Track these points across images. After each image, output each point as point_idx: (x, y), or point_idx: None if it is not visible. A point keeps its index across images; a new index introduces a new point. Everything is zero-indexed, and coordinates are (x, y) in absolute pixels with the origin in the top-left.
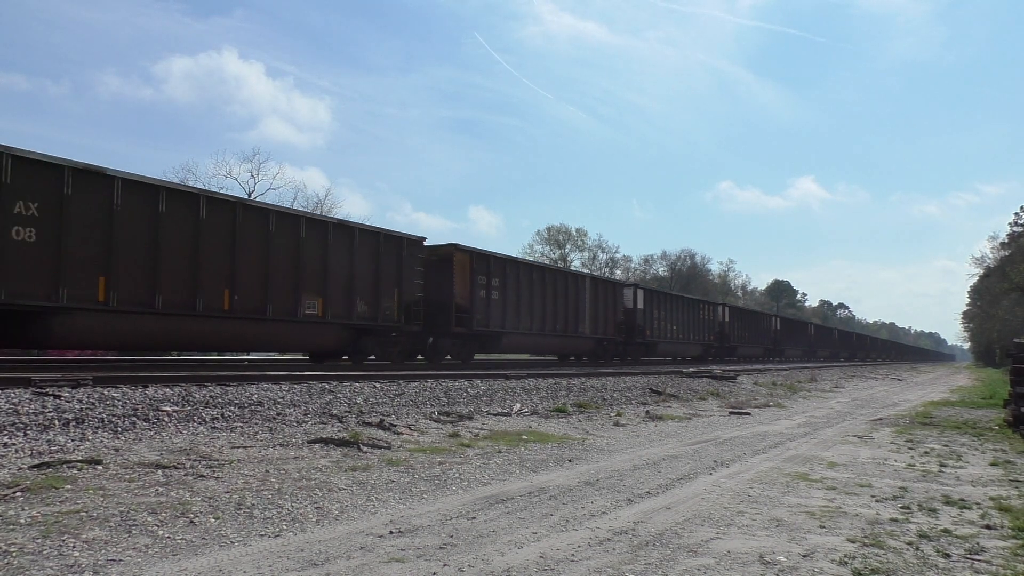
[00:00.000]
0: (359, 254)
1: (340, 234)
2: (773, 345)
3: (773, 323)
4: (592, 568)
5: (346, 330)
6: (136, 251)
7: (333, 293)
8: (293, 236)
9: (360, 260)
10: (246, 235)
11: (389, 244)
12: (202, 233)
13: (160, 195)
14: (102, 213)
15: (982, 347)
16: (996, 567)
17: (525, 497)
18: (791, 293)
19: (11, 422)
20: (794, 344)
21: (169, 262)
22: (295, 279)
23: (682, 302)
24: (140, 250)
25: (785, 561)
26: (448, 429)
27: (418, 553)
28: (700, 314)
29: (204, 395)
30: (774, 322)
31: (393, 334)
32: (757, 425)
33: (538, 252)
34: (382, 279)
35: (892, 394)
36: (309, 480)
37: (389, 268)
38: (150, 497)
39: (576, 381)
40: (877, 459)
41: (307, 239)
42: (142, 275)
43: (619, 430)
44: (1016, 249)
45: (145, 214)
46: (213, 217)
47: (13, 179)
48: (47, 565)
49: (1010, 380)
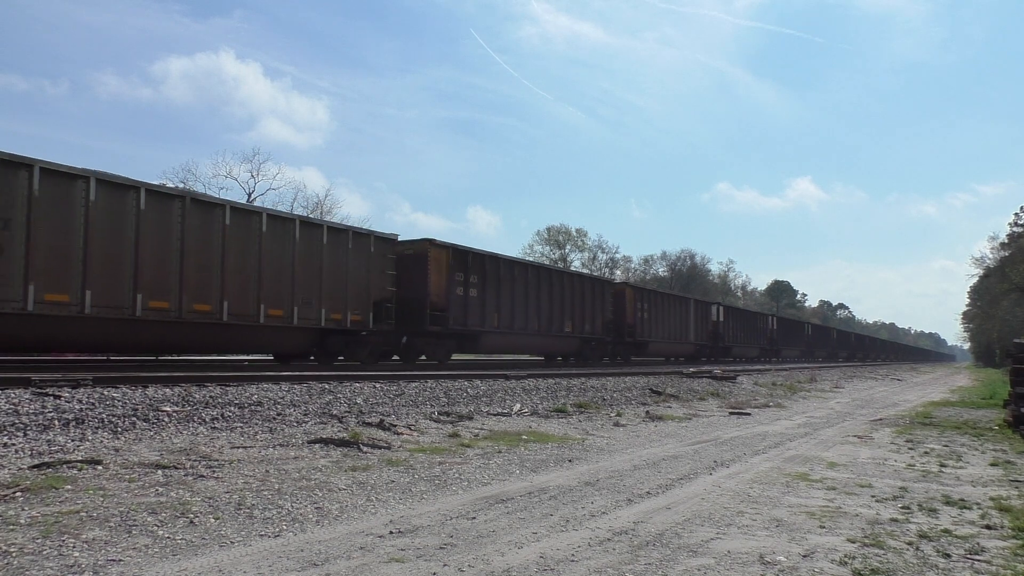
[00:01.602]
0: (327, 252)
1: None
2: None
3: (769, 323)
4: (592, 568)
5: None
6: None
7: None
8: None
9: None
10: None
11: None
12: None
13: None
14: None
15: (982, 347)
16: (996, 567)
17: (525, 497)
18: (791, 293)
19: (11, 422)
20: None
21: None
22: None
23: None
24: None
25: (785, 561)
26: (448, 429)
27: (418, 553)
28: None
29: (204, 395)
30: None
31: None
32: (757, 425)
33: (538, 252)
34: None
35: (892, 394)
36: (309, 480)
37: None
38: (150, 497)
39: (576, 381)
40: (877, 459)
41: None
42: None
43: (619, 430)
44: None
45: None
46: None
47: None
48: (47, 565)
49: (1010, 380)
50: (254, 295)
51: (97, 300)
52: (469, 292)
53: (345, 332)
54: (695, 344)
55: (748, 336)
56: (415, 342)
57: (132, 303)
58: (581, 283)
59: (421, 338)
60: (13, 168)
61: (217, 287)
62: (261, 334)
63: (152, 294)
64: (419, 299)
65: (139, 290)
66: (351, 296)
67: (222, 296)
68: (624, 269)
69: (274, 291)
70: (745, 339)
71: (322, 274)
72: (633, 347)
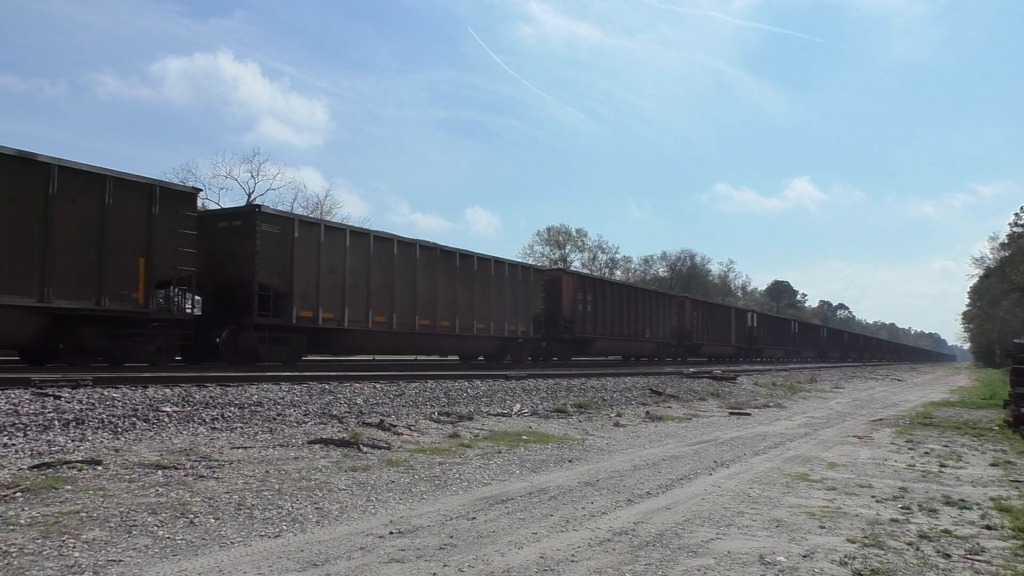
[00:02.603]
0: (507, 281)
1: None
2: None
3: (749, 319)
4: (592, 568)
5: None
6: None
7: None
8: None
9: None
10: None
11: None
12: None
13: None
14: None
15: (982, 348)
16: (996, 567)
17: (525, 497)
18: (791, 293)
19: (11, 422)
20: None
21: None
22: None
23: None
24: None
25: (785, 561)
26: (448, 429)
27: (418, 553)
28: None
29: (204, 395)
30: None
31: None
32: (757, 425)
33: (538, 253)
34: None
35: (892, 394)
36: (309, 480)
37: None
38: (150, 497)
39: (576, 381)
40: (877, 459)
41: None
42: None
43: (619, 430)
44: (1016, 250)
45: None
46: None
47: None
48: (47, 565)
49: (1010, 380)
50: (472, 315)
51: (398, 321)
52: (587, 308)
53: (514, 340)
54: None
55: (722, 334)
56: (552, 347)
57: (412, 322)
58: (656, 297)
59: (556, 343)
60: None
61: (452, 310)
62: (475, 342)
63: (422, 316)
64: (555, 314)
65: (417, 313)
66: (519, 314)
67: (455, 316)
68: (624, 269)
69: (468, 311)
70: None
71: (503, 298)
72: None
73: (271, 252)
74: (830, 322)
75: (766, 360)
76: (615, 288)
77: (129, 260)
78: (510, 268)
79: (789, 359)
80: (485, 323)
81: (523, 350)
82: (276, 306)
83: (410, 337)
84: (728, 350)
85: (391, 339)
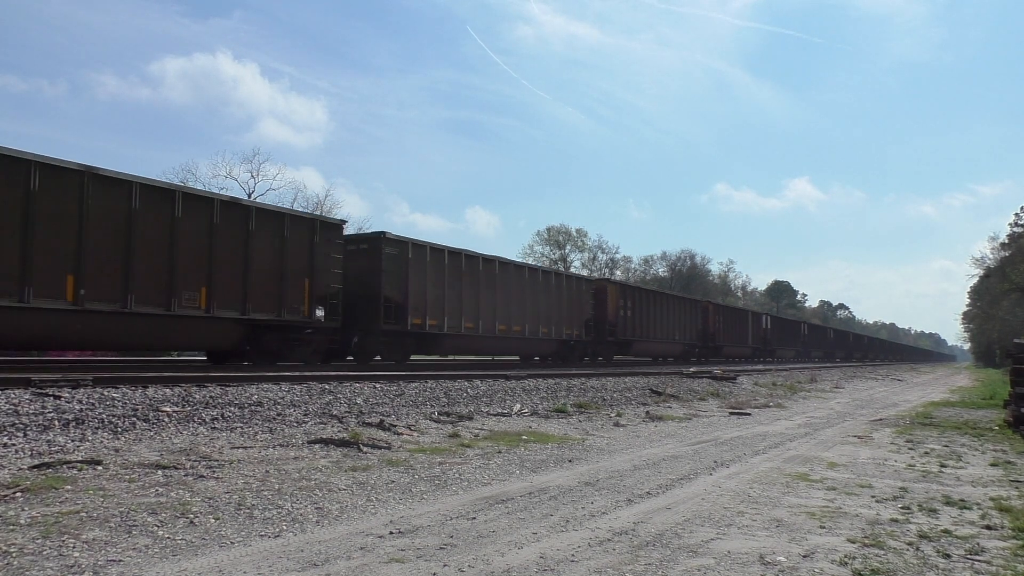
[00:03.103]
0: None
1: (559, 278)
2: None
3: (763, 322)
4: (592, 568)
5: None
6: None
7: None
8: (551, 285)
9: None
10: (536, 288)
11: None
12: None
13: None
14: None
15: (982, 348)
16: (996, 567)
17: (525, 497)
18: (791, 293)
19: (11, 422)
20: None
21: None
22: (545, 311)
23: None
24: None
25: (785, 561)
26: (448, 429)
27: (418, 553)
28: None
29: (204, 395)
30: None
31: (571, 343)
32: (757, 425)
33: (538, 253)
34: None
35: (892, 394)
36: (309, 480)
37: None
38: (150, 497)
39: (576, 381)
40: (877, 459)
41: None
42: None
43: (619, 430)
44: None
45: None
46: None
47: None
48: (47, 565)
49: (1010, 380)
50: (537, 320)
51: (483, 326)
52: (627, 313)
53: (570, 341)
54: (684, 344)
55: (740, 336)
56: (597, 348)
57: (493, 327)
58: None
59: (601, 345)
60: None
61: (522, 316)
62: (540, 344)
63: (500, 322)
64: (602, 319)
65: (496, 320)
66: (573, 318)
67: (525, 322)
68: (624, 269)
69: (535, 316)
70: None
71: (561, 305)
72: (712, 350)
73: (392, 271)
74: (830, 322)
75: (779, 360)
76: (650, 295)
77: (299, 280)
78: (567, 279)
79: (799, 359)
80: (548, 327)
81: (576, 351)
82: (396, 315)
83: (491, 340)
84: (746, 351)
85: (478, 342)
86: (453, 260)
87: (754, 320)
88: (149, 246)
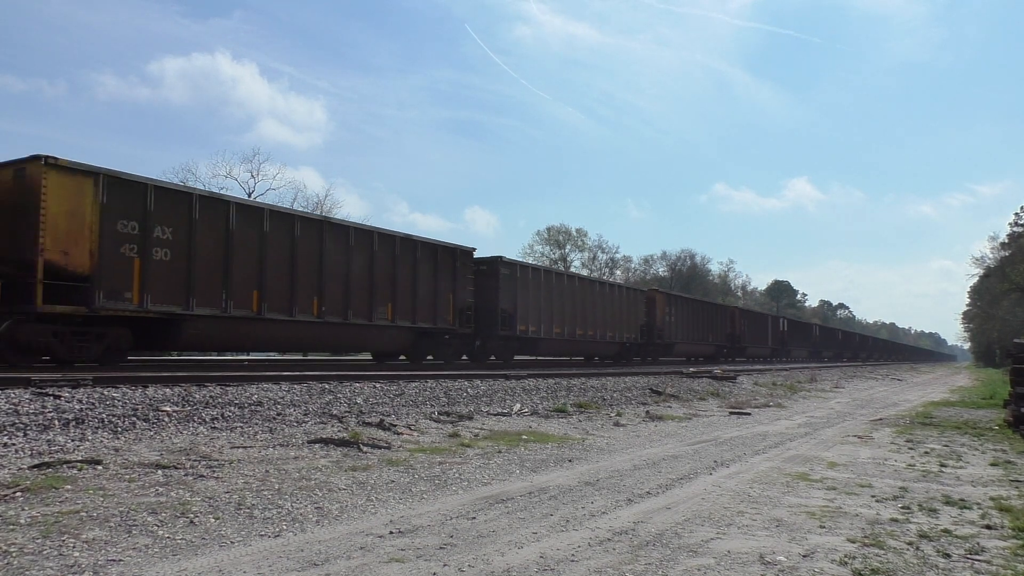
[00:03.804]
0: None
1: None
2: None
3: (780, 324)
4: (592, 568)
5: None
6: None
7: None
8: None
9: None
10: (600, 298)
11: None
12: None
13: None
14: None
15: (982, 347)
16: (996, 567)
17: (525, 497)
18: (791, 293)
19: (11, 422)
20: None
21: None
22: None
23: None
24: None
25: (785, 561)
26: (448, 429)
27: (418, 553)
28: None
29: (204, 395)
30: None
31: (627, 345)
32: (757, 425)
33: (538, 252)
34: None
35: (892, 394)
36: (309, 480)
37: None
38: (150, 497)
39: (576, 381)
40: (877, 459)
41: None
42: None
43: (619, 430)
44: (1016, 249)
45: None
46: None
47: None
48: (47, 565)
49: (1010, 380)
50: (605, 326)
51: (567, 331)
52: (671, 318)
53: (628, 344)
54: (714, 345)
55: (761, 337)
56: (648, 349)
57: (574, 332)
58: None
59: (651, 346)
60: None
61: (594, 322)
62: (608, 346)
63: (579, 327)
64: (652, 324)
65: (577, 325)
66: (631, 324)
67: (595, 327)
68: (624, 269)
69: (603, 323)
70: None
71: (622, 313)
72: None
73: (507, 288)
74: (831, 322)
75: (793, 359)
76: (688, 302)
77: (446, 296)
78: (626, 290)
79: (811, 359)
80: (612, 332)
81: (632, 352)
82: (508, 323)
83: (571, 343)
84: (765, 351)
85: (565, 344)
86: (547, 277)
87: (773, 323)
88: (359, 276)
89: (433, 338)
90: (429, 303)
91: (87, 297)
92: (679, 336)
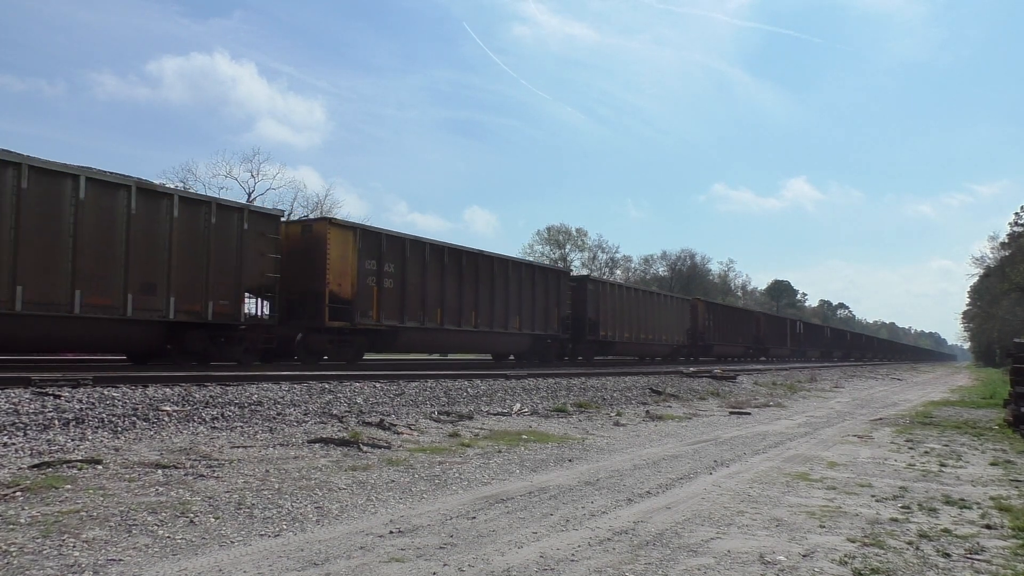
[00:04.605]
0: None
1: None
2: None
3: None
4: (592, 568)
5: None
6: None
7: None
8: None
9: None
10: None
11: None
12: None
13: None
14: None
15: (982, 347)
16: (996, 567)
17: (525, 497)
18: (791, 293)
19: (11, 422)
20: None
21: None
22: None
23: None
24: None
25: (785, 561)
26: (448, 429)
27: (418, 553)
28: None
29: (204, 395)
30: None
31: (676, 347)
32: (757, 425)
33: (538, 252)
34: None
35: (892, 394)
36: (309, 480)
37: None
38: (150, 497)
39: (576, 381)
40: (877, 459)
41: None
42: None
43: (619, 430)
44: (1016, 249)
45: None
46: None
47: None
48: (47, 565)
49: (1010, 380)
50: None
51: (632, 335)
52: (710, 323)
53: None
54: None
55: (782, 338)
56: (692, 351)
57: (638, 335)
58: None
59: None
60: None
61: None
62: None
63: (641, 331)
64: (695, 328)
65: (640, 330)
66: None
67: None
68: (624, 269)
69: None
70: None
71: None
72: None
73: (592, 300)
74: (830, 321)
75: (807, 359)
76: (723, 309)
77: (553, 309)
78: (675, 300)
79: (823, 359)
80: (667, 335)
81: (679, 353)
82: (594, 329)
83: (637, 345)
84: (784, 352)
85: (632, 346)
86: (620, 290)
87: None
88: (502, 296)
89: (542, 341)
90: (543, 314)
91: (350, 315)
92: (716, 339)
